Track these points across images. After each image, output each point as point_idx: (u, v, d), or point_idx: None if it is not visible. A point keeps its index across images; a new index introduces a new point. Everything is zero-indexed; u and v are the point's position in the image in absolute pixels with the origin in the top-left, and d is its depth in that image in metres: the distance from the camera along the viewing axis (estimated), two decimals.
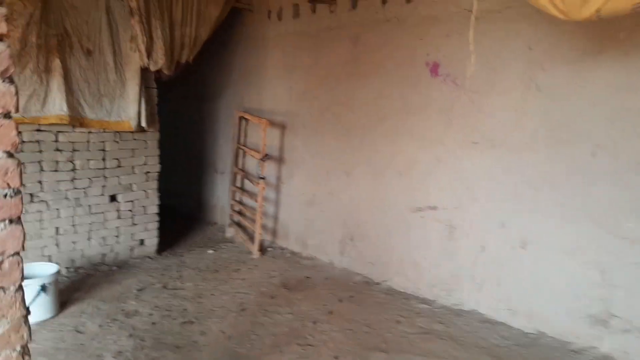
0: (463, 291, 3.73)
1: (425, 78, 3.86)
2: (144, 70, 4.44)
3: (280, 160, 5.21)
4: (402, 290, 4.08)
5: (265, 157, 4.79)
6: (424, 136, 3.89)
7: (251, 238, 5.14)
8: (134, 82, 4.36)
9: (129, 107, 4.37)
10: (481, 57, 3.42)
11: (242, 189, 5.69)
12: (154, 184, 4.75)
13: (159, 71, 4.56)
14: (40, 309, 3.22)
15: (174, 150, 6.91)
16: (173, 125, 6.82)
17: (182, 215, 6.60)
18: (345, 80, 4.47)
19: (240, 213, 5.65)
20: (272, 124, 5.17)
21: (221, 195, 6.13)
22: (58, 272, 3.41)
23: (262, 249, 5.09)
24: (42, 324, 3.23)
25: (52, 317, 3.32)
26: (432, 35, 3.80)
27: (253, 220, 5.07)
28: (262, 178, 4.83)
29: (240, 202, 5.70)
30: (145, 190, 4.69)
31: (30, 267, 3.47)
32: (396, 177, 4.10)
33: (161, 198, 7.27)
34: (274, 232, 5.40)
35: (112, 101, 4.28)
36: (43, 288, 3.19)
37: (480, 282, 3.64)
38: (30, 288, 3.16)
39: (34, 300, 3.16)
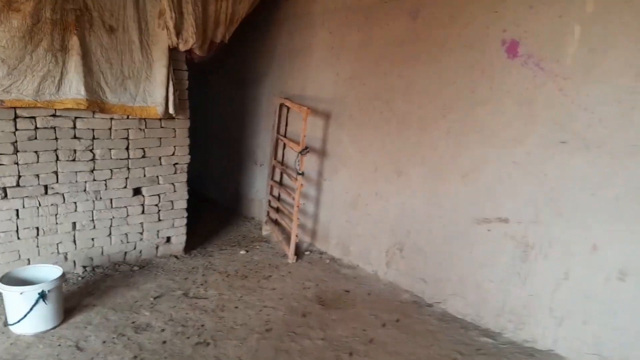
0: (538, 325, 3.01)
1: (500, 61, 3.12)
2: (173, 51, 3.98)
3: (322, 153, 4.62)
4: (459, 317, 3.40)
5: (305, 150, 4.22)
6: (497, 133, 3.16)
7: (288, 239, 4.62)
8: (161, 63, 3.90)
9: (155, 92, 3.92)
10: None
11: (281, 184, 5.17)
12: (182, 177, 4.30)
13: (190, 52, 4.08)
14: (38, 319, 2.85)
15: (211, 139, 6.51)
16: (211, 112, 6.42)
17: (219, 208, 6.19)
18: (401, 64, 3.79)
19: (277, 210, 5.14)
20: (315, 112, 4.59)
21: (260, 188, 5.64)
22: (63, 277, 3.02)
23: (299, 253, 4.56)
24: (39, 336, 2.85)
25: (54, 328, 2.94)
26: (511, 6, 3.04)
27: (291, 219, 4.54)
28: (301, 174, 4.27)
29: (279, 198, 5.18)
30: (172, 184, 4.25)
31: (32, 270, 3.11)
32: (459, 181, 3.40)
33: (197, 189, 6.96)
34: (313, 234, 4.84)
35: (137, 84, 3.85)
36: (42, 296, 2.80)
37: (560, 317, 2.91)
38: (28, 295, 2.78)
39: (31, 309, 2.78)
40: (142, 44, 3.84)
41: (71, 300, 3.35)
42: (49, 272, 3.09)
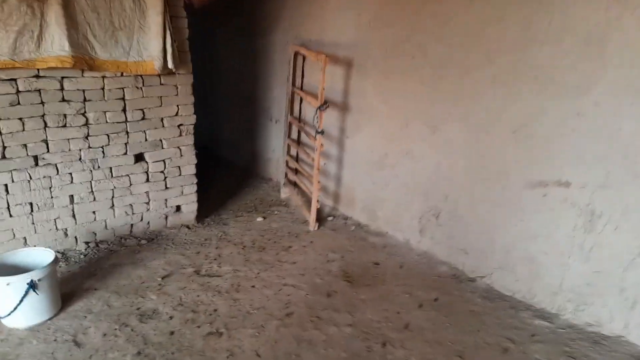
0: (604, 307, 2.56)
1: None
2: None
3: (344, 107, 4.10)
4: (507, 294, 2.98)
5: (324, 105, 3.70)
6: (557, 80, 2.59)
7: (308, 203, 4.20)
8: (156, 10, 3.36)
9: (151, 43, 3.42)
10: None
11: (299, 143, 4.70)
12: (189, 139, 3.87)
13: None
14: (31, 311, 2.53)
15: (223, 96, 6.03)
16: (222, 66, 5.89)
17: (234, 170, 5.79)
18: (434, 0, 3.18)
19: (296, 172, 4.70)
20: (335, 60, 4.03)
21: (277, 147, 5.18)
22: (55, 262, 2.68)
23: (321, 218, 4.15)
24: (34, 329, 2.55)
25: (50, 319, 2.63)
26: None
27: (311, 182, 4.10)
28: (320, 132, 3.78)
29: (297, 159, 4.73)
30: (178, 147, 3.83)
31: (22, 255, 2.77)
32: (508, 138, 2.87)
33: (211, 150, 6.55)
34: (336, 197, 4.41)
35: (129, 36, 3.34)
36: (32, 286, 2.47)
37: (633, 299, 2.45)
38: (17, 286, 2.46)
39: (21, 301, 2.46)
40: None
41: (71, 283, 3.04)
42: (42, 257, 2.74)
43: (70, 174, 3.38)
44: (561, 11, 2.52)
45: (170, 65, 3.48)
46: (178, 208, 3.99)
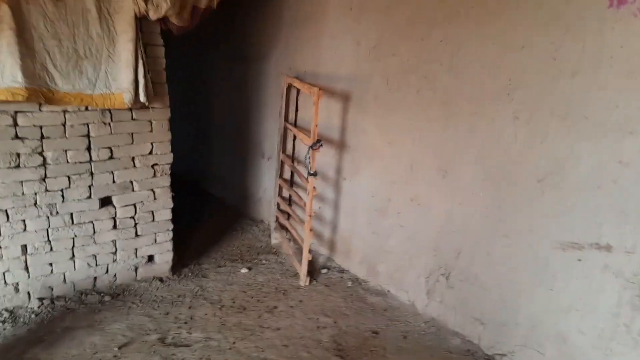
0: None
1: (597, 11, 2.07)
2: (143, 21, 3.07)
3: (341, 146, 3.65)
4: None
5: (317, 143, 3.26)
6: (592, 117, 2.13)
7: (300, 251, 3.71)
8: (126, 36, 2.98)
9: (120, 74, 3.02)
10: None
11: (292, 183, 4.24)
12: (164, 180, 3.43)
13: (165, 21, 3.15)
14: None
15: (214, 127, 5.62)
16: (211, 95, 5.51)
17: (223, 208, 5.32)
18: (445, 24, 2.76)
19: (289, 215, 4.23)
20: (331, 94, 3.62)
21: (268, 187, 4.72)
22: None
23: (313, 270, 3.65)
24: None
25: None
26: None
27: (304, 227, 3.62)
28: (313, 174, 3.32)
29: (289, 201, 4.27)
30: (152, 190, 3.38)
31: None
32: (533, 187, 2.39)
33: (201, 186, 6.11)
34: (331, 245, 3.91)
35: (96, 66, 2.95)
36: None
37: None
38: None
39: None
40: (101, 12, 2.93)
41: (12, 351, 2.55)
42: None
43: (23, 220, 2.94)
44: (595, 37, 2.09)
45: (142, 98, 3.07)
46: (150, 258, 3.51)
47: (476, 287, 2.73)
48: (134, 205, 3.33)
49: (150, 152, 3.32)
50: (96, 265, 3.26)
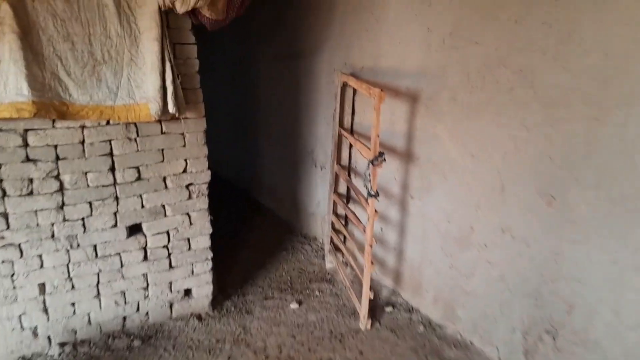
0: None
1: None
2: (170, 15, 2.58)
3: (407, 156, 3.01)
4: None
5: (379, 157, 2.64)
6: None
7: (359, 281, 3.13)
8: (151, 35, 2.50)
9: (145, 81, 2.55)
10: None
11: (348, 199, 3.65)
12: (201, 202, 2.94)
13: (197, 14, 2.64)
14: None
15: (263, 131, 5.13)
16: (260, 96, 5.01)
17: (273, 221, 4.82)
18: (548, 0, 2.06)
19: (345, 239, 3.64)
20: (395, 93, 2.99)
21: (322, 200, 4.17)
22: None
23: (375, 308, 3.05)
24: None
25: None
26: None
27: (362, 253, 3.03)
28: (373, 195, 2.70)
29: (345, 222, 3.68)
30: (187, 214, 2.91)
31: None
32: None
33: (250, 195, 5.64)
34: (396, 276, 3.29)
35: (117, 71, 2.50)
36: None
37: None
38: None
39: None
40: (120, 7, 2.47)
41: None
42: None
43: (40, 256, 2.55)
44: None
45: (171, 108, 2.58)
46: (187, 292, 3.05)
47: (597, 355, 2.03)
48: (167, 232, 2.87)
49: (184, 171, 2.84)
50: (125, 303, 2.84)
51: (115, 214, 2.70)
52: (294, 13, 4.14)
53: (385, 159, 2.64)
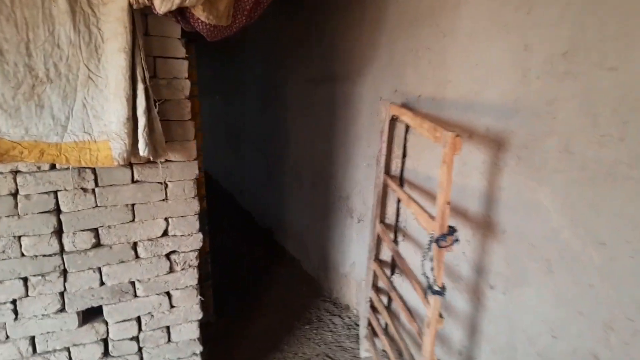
0: None
1: None
2: (149, 17, 1.82)
3: (486, 227, 2.07)
4: None
5: (449, 235, 1.71)
6: None
7: None
8: (117, 44, 1.73)
9: (108, 109, 1.77)
10: None
11: (392, 268, 2.73)
12: (188, 277, 2.10)
13: (187, 17, 1.85)
14: None
15: (289, 165, 4.31)
16: (294, 125, 4.21)
17: (297, 274, 3.96)
18: None
19: (386, 326, 2.70)
20: (469, 133, 2.08)
21: (358, 260, 3.26)
22: None
23: None
24: None
25: None
26: None
27: (416, 344, 2.09)
28: (438, 292, 1.77)
29: (388, 303, 2.75)
30: (167, 293, 2.08)
31: None
32: None
33: (275, 239, 4.79)
34: None
35: (66, 95, 1.73)
36: None
37: None
38: None
39: None
40: (77, 3, 1.71)
41: None
42: None
43: None
44: None
45: (142, 149, 1.78)
46: None
47: None
48: (138, 319, 2.04)
49: (165, 234, 2.02)
50: None
51: (62, 294, 1.89)
52: (332, 26, 3.32)
53: (458, 239, 1.72)
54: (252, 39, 4.99)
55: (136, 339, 2.06)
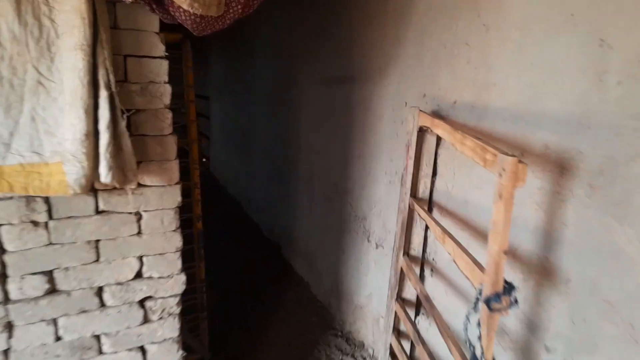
0: None
1: None
2: (117, 6, 1.42)
3: (543, 273, 1.63)
4: None
5: (506, 294, 1.28)
6: None
7: None
8: (73, 38, 1.34)
9: (62, 122, 1.38)
10: None
11: (417, 310, 2.30)
12: (168, 328, 1.71)
13: (166, 6, 1.45)
14: None
15: (300, 178, 3.92)
16: (296, 131, 3.82)
17: (306, 298, 3.55)
18: None
19: None
20: (520, 152, 1.64)
21: (376, 290, 2.83)
22: None
23: None
24: None
25: None
26: None
27: None
28: None
29: (411, 345, 2.31)
30: (141, 348, 1.68)
31: None
32: None
33: (284, 252, 4.42)
34: None
35: (9, 106, 1.34)
36: None
37: None
38: None
39: None
40: None
41: None
42: None
43: None
44: None
45: (104, 174, 1.39)
46: None
47: None
48: None
49: (138, 276, 1.63)
50: None
51: (6, 352, 1.51)
52: (350, 18, 2.91)
53: (516, 300, 1.28)
54: (264, 34, 4.60)
55: None
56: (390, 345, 2.30)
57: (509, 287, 1.27)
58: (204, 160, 8.13)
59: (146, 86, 1.52)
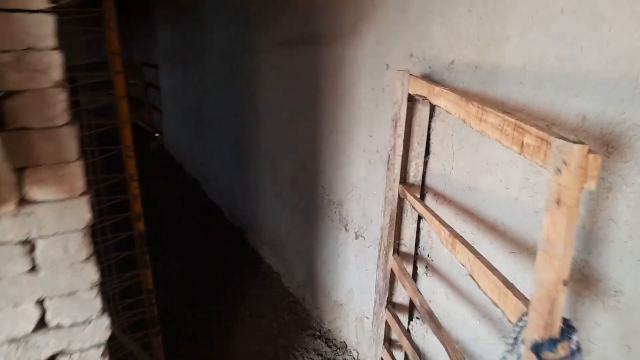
0: None
1: None
2: None
3: (584, 282, 1.26)
4: None
5: (562, 338, 0.91)
6: None
7: None
8: None
9: None
10: None
11: (411, 314, 1.93)
12: None
13: None
14: None
15: (260, 152, 3.47)
16: (268, 100, 3.33)
17: (277, 294, 3.16)
18: None
19: None
20: (548, 126, 1.23)
21: (357, 285, 2.46)
22: None
23: None
24: None
25: None
26: None
27: None
28: None
29: (404, 356, 1.96)
30: None
31: None
32: None
33: (245, 236, 3.95)
34: None
35: None
36: None
37: None
38: None
39: None
40: None
41: None
42: None
43: None
44: None
45: None
46: None
47: None
48: None
49: (41, 326, 1.16)
50: None
51: None
52: None
53: (579, 348, 0.90)
54: None
55: None
56: (382, 359, 1.93)
57: (567, 329, 0.89)
58: (157, 135, 7.51)
59: (21, 55, 1.01)
